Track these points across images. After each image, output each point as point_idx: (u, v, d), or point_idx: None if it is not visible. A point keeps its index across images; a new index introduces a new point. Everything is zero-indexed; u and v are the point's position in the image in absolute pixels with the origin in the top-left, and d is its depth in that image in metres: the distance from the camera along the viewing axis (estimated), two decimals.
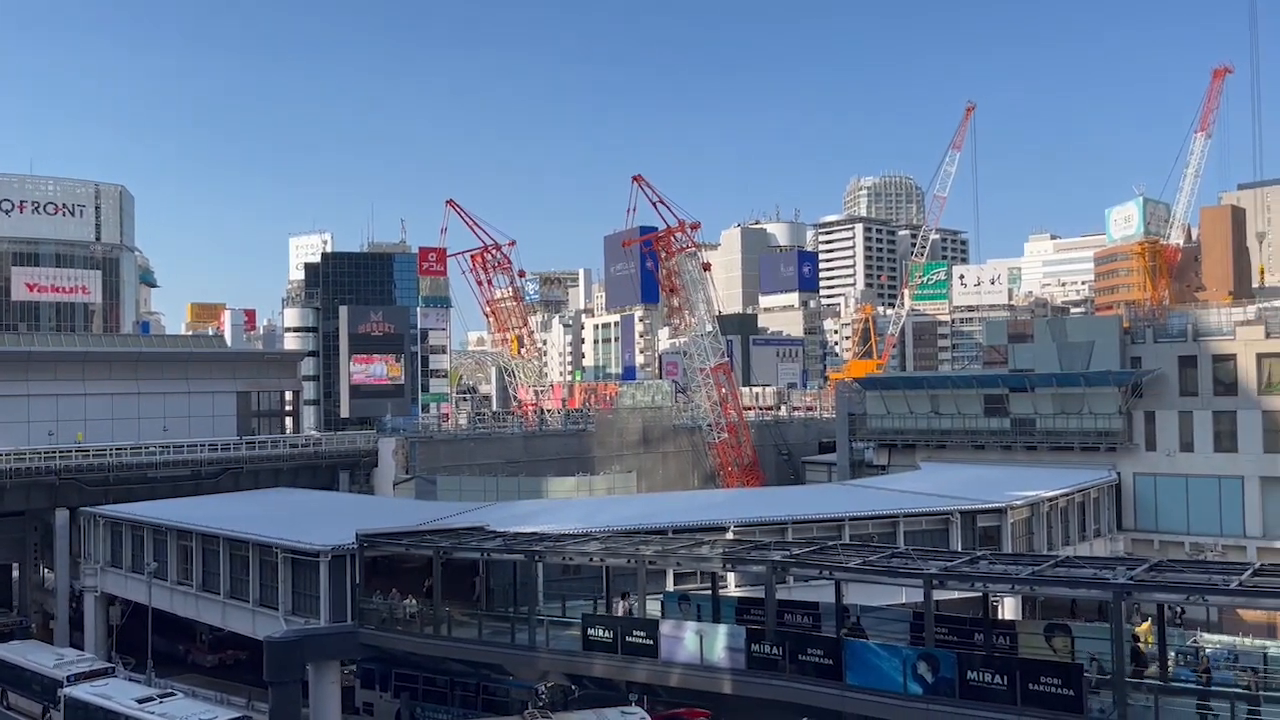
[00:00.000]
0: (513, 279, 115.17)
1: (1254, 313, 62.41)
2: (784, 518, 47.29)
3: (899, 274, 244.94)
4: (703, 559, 36.61)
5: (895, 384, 73.23)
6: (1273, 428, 57.79)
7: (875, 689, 30.26)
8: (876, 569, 33.20)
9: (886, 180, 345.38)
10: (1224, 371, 59.42)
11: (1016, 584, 31.03)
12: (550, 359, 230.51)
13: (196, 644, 56.18)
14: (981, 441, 66.00)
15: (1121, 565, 31.93)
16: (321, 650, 41.34)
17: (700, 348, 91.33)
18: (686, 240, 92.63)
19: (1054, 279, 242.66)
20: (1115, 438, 61.56)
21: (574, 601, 40.60)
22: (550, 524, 45.32)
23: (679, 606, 38.06)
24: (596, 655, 35.52)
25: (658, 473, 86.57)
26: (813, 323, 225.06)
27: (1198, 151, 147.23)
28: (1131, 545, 60.50)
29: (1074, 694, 27.45)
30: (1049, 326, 69.62)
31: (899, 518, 48.91)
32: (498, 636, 38.48)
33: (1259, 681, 29.02)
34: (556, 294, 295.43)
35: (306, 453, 72.42)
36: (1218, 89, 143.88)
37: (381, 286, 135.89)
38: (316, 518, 53.27)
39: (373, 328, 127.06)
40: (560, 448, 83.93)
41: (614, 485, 71.03)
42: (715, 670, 33.13)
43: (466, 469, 74.40)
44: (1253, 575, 29.62)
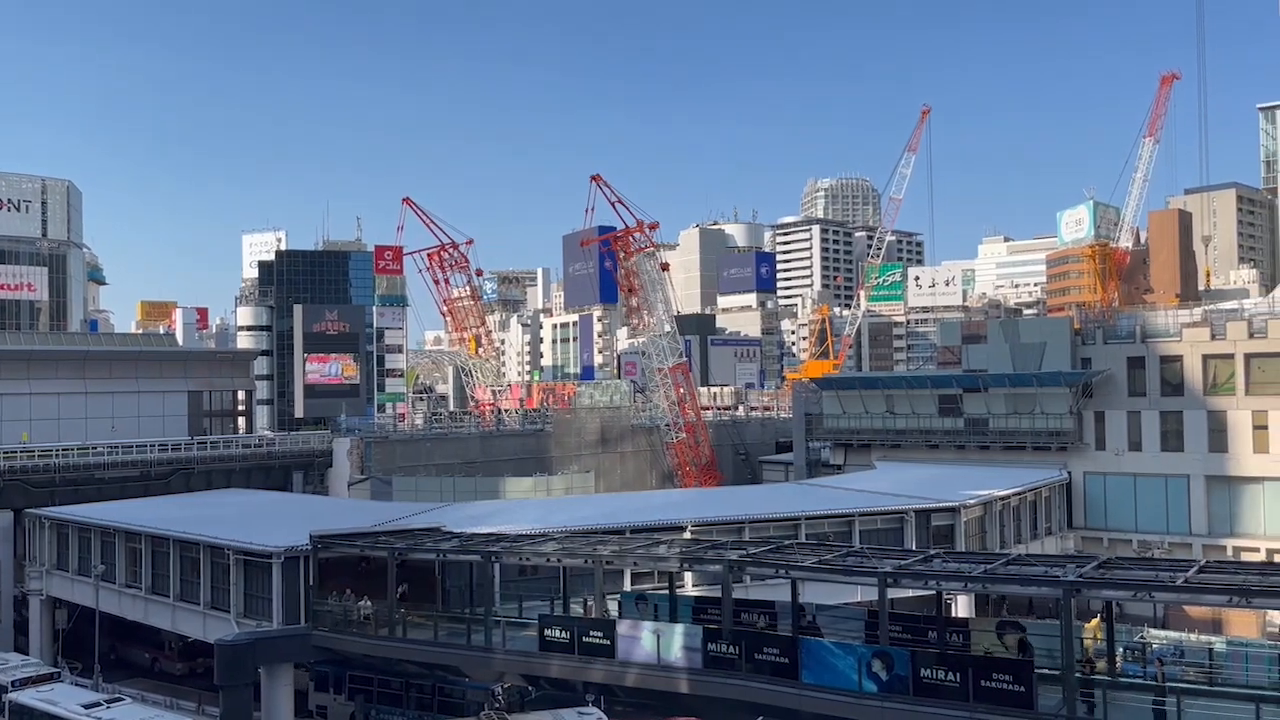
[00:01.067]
0: (470, 278, 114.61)
1: (1200, 315, 63.74)
2: (741, 517, 47.48)
3: (855, 275, 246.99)
4: (660, 559, 36.65)
5: (851, 384, 73.83)
6: (1217, 428, 59.05)
7: (831, 687, 30.46)
8: (832, 568, 33.44)
9: (843, 182, 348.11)
10: (1171, 372, 60.62)
11: (970, 582, 31.39)
12: (508, 359, 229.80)
13: (165, 652, 54.66)
14: (936, 441, 66.76)
15: (1071, 563, 32.42)
16: (274, 653, 40.79)
17: (658, 348, 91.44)
18: (645, 240, 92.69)
19: (1007, 281, 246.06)
20: (1066, 437, 62.55)
21: (531, 602, 40.49)
22: (507, 524, 45.13)
23: (636, 606, 38.06)
24: (553, 656, 35.42)
25: (616, 473, 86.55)
26: (770, 323, 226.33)
27: (1146, 156, 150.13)
28: (1081, 543, 61.53)
29: (1024, 690, 27.85)
30: (1002, 328, 70.58)
31: (854, 517, 49.33)
32: (454, 638, 38.25)
33: (1209, 676, 29.68)
34: (514, 293, 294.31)
35: (260, 453, 71.51)
36: (1165, 95, 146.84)
37: (337, 285, 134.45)
38: (269, 519, 52.58)
39: (328, 326, 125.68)
40: (518, 448, 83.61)
41: (572, 485, 70.89)
42: (672, 670, 33.18)
43: (423, 469, 73.92)
44: (1198, 572, 30.22)
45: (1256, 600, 28.50)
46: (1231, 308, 68.63)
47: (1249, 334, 58.57)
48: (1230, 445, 58.61)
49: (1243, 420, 58.29)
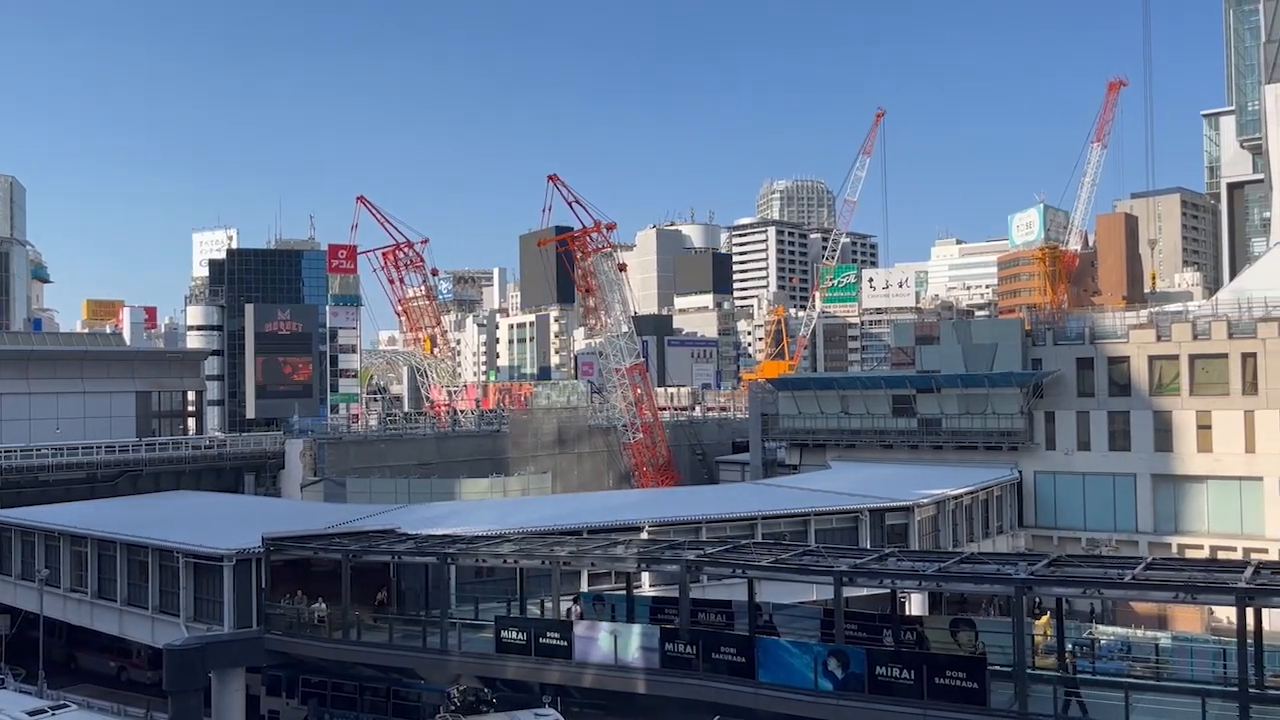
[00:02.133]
0: (425, 277, 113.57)
1: (1146, 317, 65.00)
2: (698, 517, 47.60)
3: (810, 276, 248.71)
4: (617, 559, 36.63)
5: (807, 384, 74.32)
6: (1163, 427, 60.26)
7: (787, 686, 30.64)
8: (788, 567, 33.63)
9: (799, 184, 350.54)
10: (1118, 373, 61.75)
11: (923, 580, 31.74)
12: (464, 359, 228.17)
13: (134, 659, 53.17)
14: (890, 441, 67.41)
15: (1023, 561, 32.92)
16: (225, 657, 40.17)
17: (616, 348, 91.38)
18: (602, 241, 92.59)
19: (959, 283, 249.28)
20: (1017, 437, 63.46)
21: (488, 604, 40.27)
22: (463, 526, 44.85)
23: (593, 607, 38.02)
24: (510, 657, 35.28)
25: (573, 473, 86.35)
26: (727, 324, 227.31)
27: (1094, 161, 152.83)
28: (1032, 541, 62.46)
29: (977, 687, 28.22)
30: (954, 329, 71.45)
31: (810, 516, 49.66)
32: (409, 640, 37.94)
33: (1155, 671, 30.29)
34: (470, 293, 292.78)
35: (210, 454, 70.36)
36: (1113, 101, 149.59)
37: (289, 284, 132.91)
38: (220, 521, 51.76)
39: (280, 326, 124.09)
40: (474, 449, 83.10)
41: (528, 486, 70.60)
42: (629, 670, 33.18)
43: (377, 471, 73.18)
44: (1145, 569, 30.81)
45: (1201, 596, 29.10)
46: (1176, 310, 70.10)
47: (1193, 335, 59.84)
48: (1175, 445, 59.83)
49: (1187, 420, 59.54)
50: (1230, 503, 58.49)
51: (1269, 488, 57.02)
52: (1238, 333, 58.69)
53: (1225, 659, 29.62)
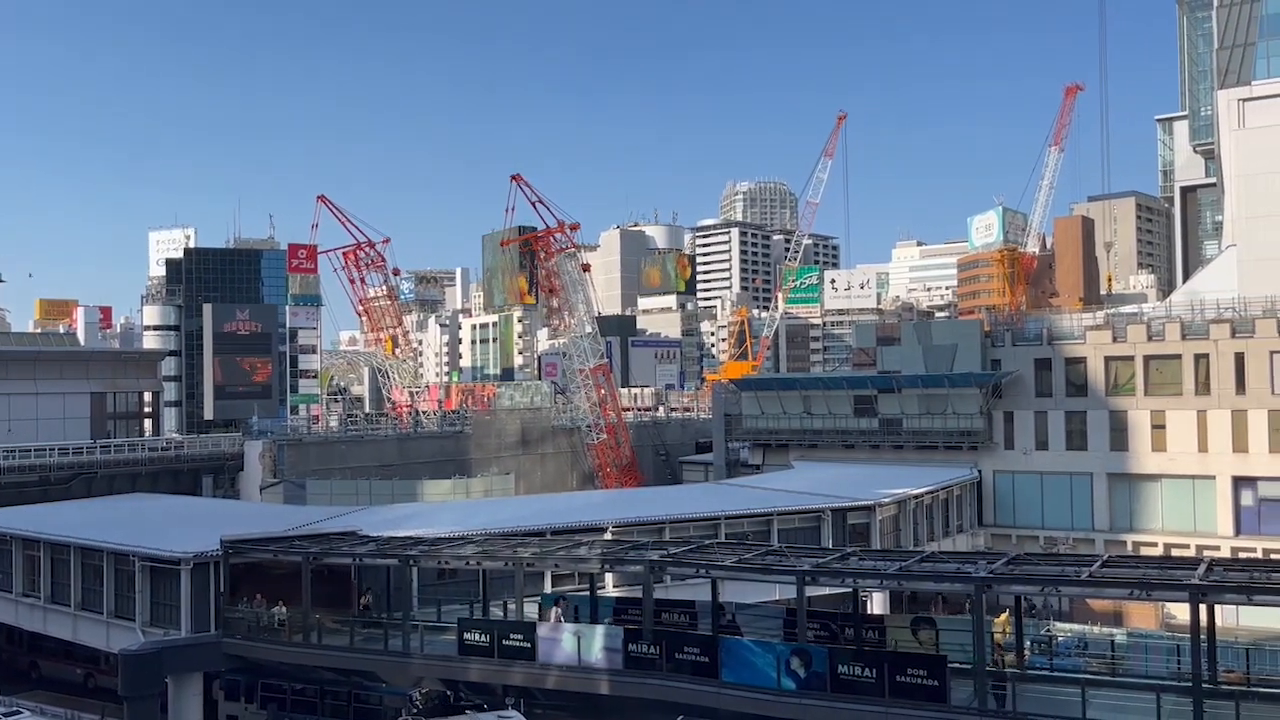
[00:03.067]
0: (387, 277, 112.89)
1: (1102, 318, 66.00)
2: (661, 517, 47.64)
3: (773, 277, 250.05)
4: (581, 560, 36.58)
5: (769, 385, 74.66)
6: (1119, 427, 61.21)
7: (750, 685, 30.77)
8: (751, 567, 33.76)
9: (762, 186, 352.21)
10: (1075, 374, 62.65)
11: (885, 579, 32.00)
12: (426, 359, 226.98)
13: (101, 667, 52.08)
14: (851, 441, 67.89)
15: (982, 559, 33.30)
16: (182, 662, 39.63)
17: (579, 348, 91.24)
18: (566, 241, 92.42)
19: (920, 284, 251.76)
20: (976, 437, 64.17)
21: (450, 606, 40.04)
22: (425, 527, 44.56)
23: (556, 608, 37.91)
24: (473, 660, 35.11)
25: (536, 474, 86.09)
26: (690, 324, 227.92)
27: (1052, 164, 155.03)
28: (991, 540, 63.18)
29: (938, 684, 28.50)
30: (915, 330, 72.09)
31: (773, 516, 49.86)
32: (370, 643, 37.65)
33: (1111, 667, 30.78)
34: (433, 293, 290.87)
35: (167, 456, 69.38)
36: (1070, 105, 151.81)
37: (248, 284, 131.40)
38: (177, 524, 51.01)
39: (239, 326, 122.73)
40: (436, 450, 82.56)
41: (491, 487, 70.26)
42: (593, 671, 33.16)
43: (338, 472, 72.45)
44: (1101, 566, 31.28)
45: (1155, 593, 29.64)
46: (1132, 311, 71.26)
47: (1148, 337, 60.87)
48: (1130, 444, 60.80)
49: (1142, 420, 60.54)
50: (1183, 501, 59.54)
51: (1221, 486, 58.13)
52: (1191, 334, 59.77)
53: (1179, 654, 30.14)
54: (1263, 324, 57.63)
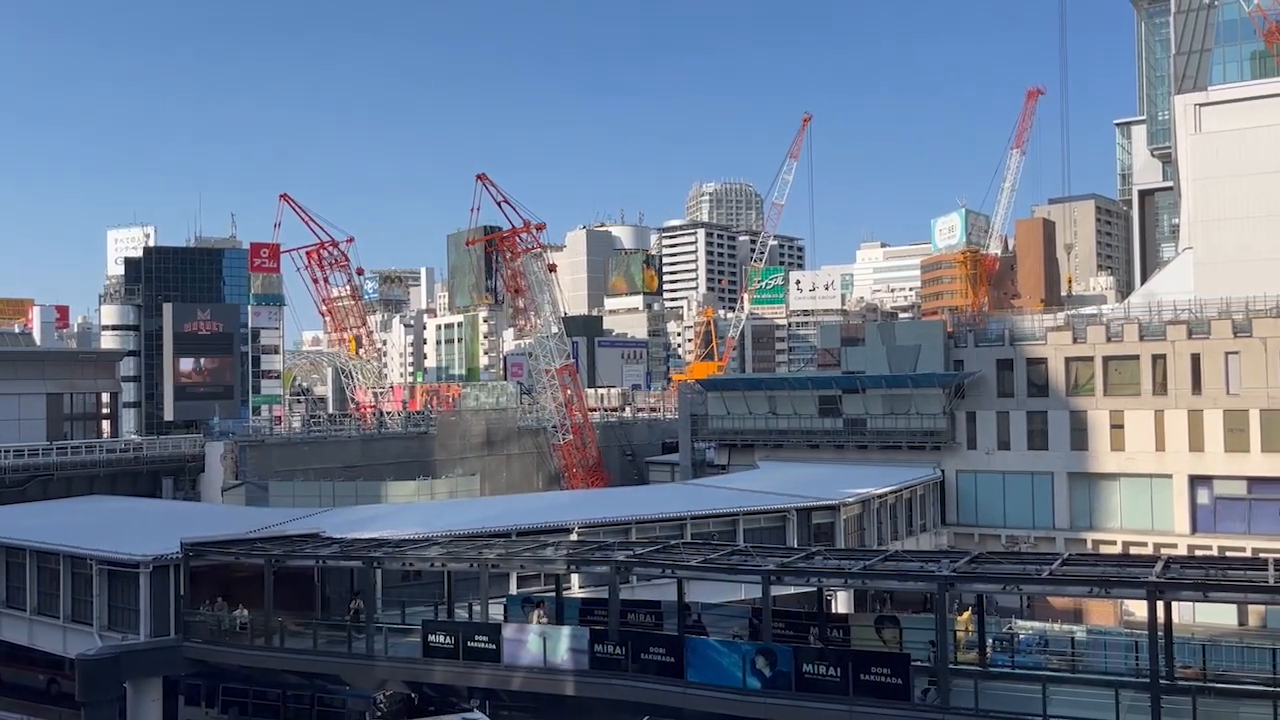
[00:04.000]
0: (350, 277, 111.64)
1: (1063, 319, 66.87)
2: (628, 518, 47.62)
3: (739, 278, 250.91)
4: (547, 561, 36.47)
5: (735, 385, 74.90)
6: (1079, 427, 62.04)
7: (716, 685, 30.81)
8: (717, 566, 33.83)
9: (728, 187, 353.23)
10: (1036, 374, 63.41)
11: (849, 578, 32.19)
12: (390, 360, 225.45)
13: (65, 672, 50.79)
14: (816, 441, 68.26)
15: (945, 558, 33.59)
16: (141, 667, 39.04)
17: (545, 349, 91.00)
18: (532, 241, 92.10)
19: (884, 285, 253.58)
20: (939, 437, 64.75)
21: (415, 608, 39.76)
22: (390, 529, 44.24)
23: (522, 609, 37.82)
24: (437, 662, 34.88)
25: (502, 475, 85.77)
26: (656, 325, 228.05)
27: (1013, 167, 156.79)
28: (954, 538, 63.80)
29: (902, 682, 28.71)
30: (879, 331, 72.65)
31: (738, 516, 50.01)
32: (334, 646, 37.30)
33: (1071, 664, 31.17)
34: (397, 293, 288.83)
35: (125, 458, 68.28)
36: (1031, 109, 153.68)
37: (209, 283, 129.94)
38: (136, 527, 50.29)
39: (200, 326, 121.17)
40: (400, 451, 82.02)
41: (456, 488, 69.88)
42: (558, 672, 33.05)
43: (301, 474, 71.76)
44: (1061, 565, 31.67)
45: (1114, 591, 30.08)
46: (1091, 313, 72.25)
47: (1107, 338, 61.74)
48: (1090, 444, 61.64)
49: (1101, 420, 61.39)
50: (1141, 500, 60.47)
51: (1177, 485, 59.09)
52: (1148, 335, 60.71)
53: (1138, 651, 30.58)
54: (1218, 325, 58.66)
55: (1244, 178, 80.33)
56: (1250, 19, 73.02)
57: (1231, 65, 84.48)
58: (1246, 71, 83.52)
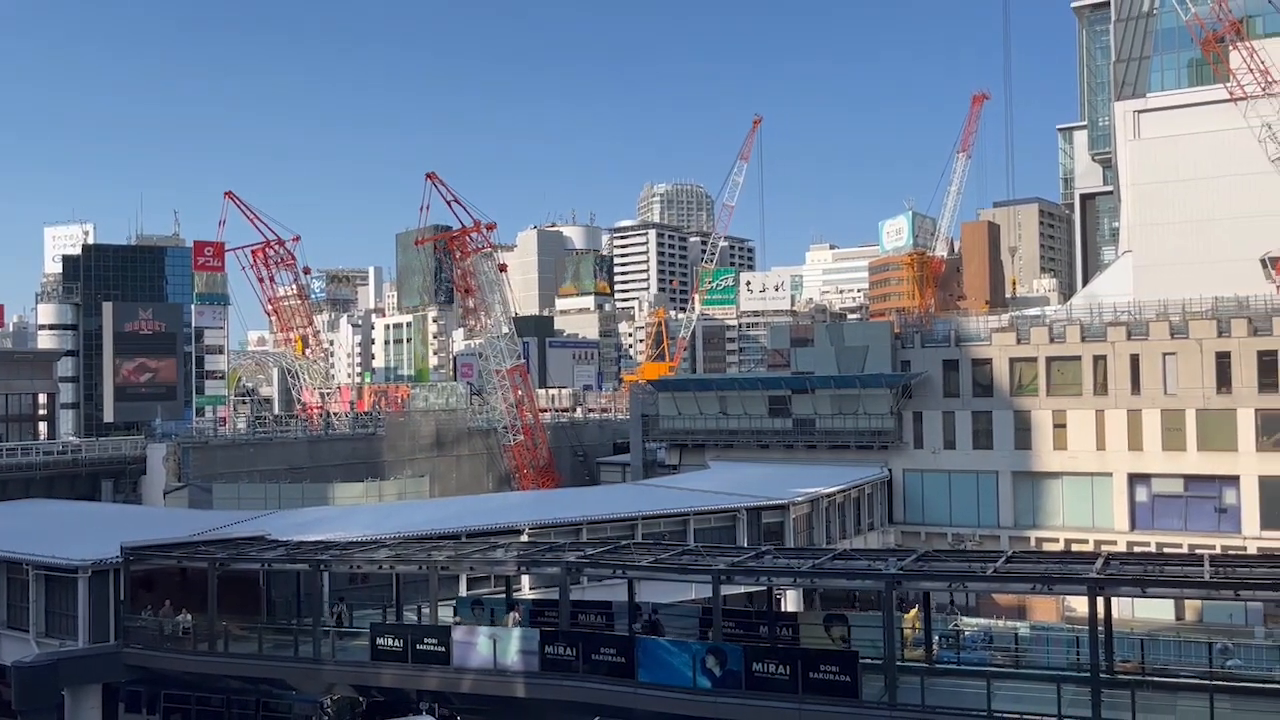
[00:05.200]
0: (297, 276, 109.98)
1: (1007, 321, 67.99)
2: (578, 518, 47.54)
3: (690, 279, 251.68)
4: (497, 562, 36.28)
5: (686, 386, 75.11)
6: (1023, 426, 63.11)
7: (666, 685, 30.85)
8: (667, 566, 33.89)
9: (678, 188, 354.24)
10: (981, 375, 64.40)
11: (799, 577, 32.43)
12: (337, 360, 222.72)
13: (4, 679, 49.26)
14: (766, 441, 68.70)
15: (892, 556, 33.99)
16: (79, 674, 38.19)
17: (496, 349, 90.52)
18: (482, 240, 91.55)
19: (832, 286, 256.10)
20: (887, 436, 65.49)
21: (363, 611, 39.31)
22: (337, 531, 43.71)
23: (472, 611, 37.58)
24: (386, 665, 34.55)
25: (451, 476, 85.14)
26: (608, 325, 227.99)
27: (959, 170, 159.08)
28: (901, 537, 64.56)
29: (850, 680, 28.98)
30: (828, 332, 73.33)
31: (689, 516, 50.15)
32: (280, 650, 36.77)
33: (1015, 660, 31.69)
34: (345, 292, 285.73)
35: (63, 460, 66.79)
36: (977, 113, 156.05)
37: (151, 282, 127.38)
38: (75, 530, 49.13)
39: (141, 326, 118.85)
40: (348, 452, 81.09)
41: (405, 490, 69.22)
42: (508, 674, 32.90)
43: (246, 475, 70.62)
44: (1005, 562, 32.16)
45: (1056, 587, 30.65)
46: (1035, 314, 73.54)
47: (1049, 339, 62.89)
48: (1033, 443, 62.73)
49: (1044, 419, 62.53)
50: (1083, 498, 61.67)
51: (1117, 483, 60.37)
52: (1089, 336, 61.95)
53: (1079, 646, 31.17)
54: (1156, 326, 60.06)
55: (1181, 183, 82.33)
56: (1188, 27, 74.79)
57: (1170, 73, 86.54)
58: (1184, 79, 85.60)
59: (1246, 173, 75.39)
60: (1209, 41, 72.32)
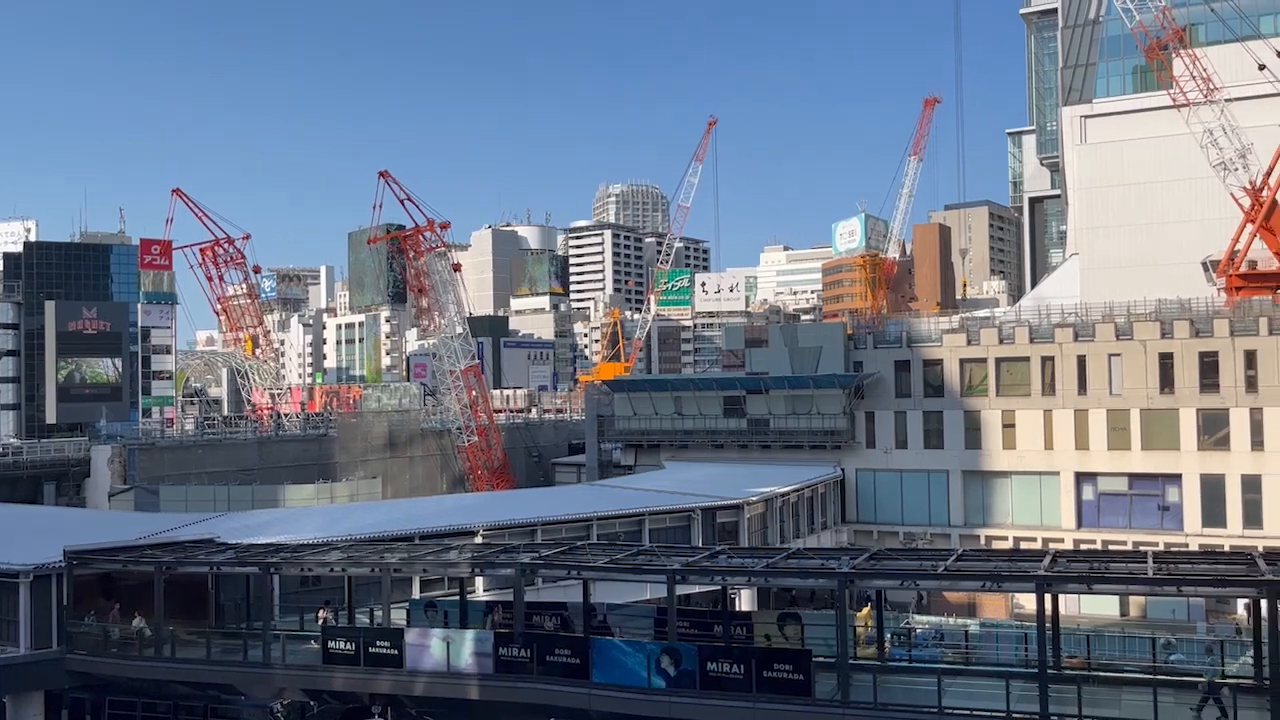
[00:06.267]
0: (247, 275, 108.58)
1: (958, 322, 68.89)
2: (533, 519, 47.36)
3: (645, 280, 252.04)
4: (450, 564, 36.01)
5: (641, 386, 75.16)
6: (973, 426, 63.95)
7: (621, 685, 30.85)
8: (622, 567, 33.86)
9: (634, 189, 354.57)
10: (932, 375, 65.17)
11: (753, 576, 32.58)
12: (288, 360, 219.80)
13: None
14: (721, 441, 68.95)
15: (845, 555, 34.25)
16: (20, 681, 37.26)
17: (450, 349, 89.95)
18: (436, 240, 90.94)
19: (786, 288, 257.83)
20: (840, 436, 66.03)
21: (314, 614, 38.82)
22: (288, 534, 43.10)
23: (425, 614, 37.29)
24: (337, 668, 34.15)
25: (405, 478, 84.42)
26: (563, 326, 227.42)
27: (911, 173, 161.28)
28: (854, 536, 65.14)
29: (803, 678, 29.18)
30: (782, 332, 73.77)
31: (644, 516, 50.18)
32: (229, 654, 36.22)
33: (965, 656, 32.10)
34: (296, 292, 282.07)
35: (3, 463, 65.42)
36: (928, 117, 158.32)
37: (96, 280, 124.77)
38: (16, 534, 47.80)
39: (86, 325, 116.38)
40: (299, 454, 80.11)
41: (357, 492, 68.52)
42: (462, 676, 32.70)
43: (194, 477, 69.51)
44: (956, 560, 32.57)
45: (1005, 585, 31.09)
46: (984, 316, 74.66)
47: (999, 340, 63.82)
48: (983, 442, 63.58)
49: (994, 419, 63.42)
50: (1031, 496, 62.65)
51: (1064, 482, 61.40)
52: (1038, 337, 62.95)
53: (1027, 642, 31.66)
54: (1102, 328, 61.18)
55: (1126, 187, 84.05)
56: (1133, 35, 76.35)
57: (1115, 79, 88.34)
58: (1129, 85, 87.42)
59: (1189, 178, 77.22)
60: (1153, 49, 73.90)
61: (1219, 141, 70.00)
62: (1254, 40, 73.70)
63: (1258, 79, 70.92)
